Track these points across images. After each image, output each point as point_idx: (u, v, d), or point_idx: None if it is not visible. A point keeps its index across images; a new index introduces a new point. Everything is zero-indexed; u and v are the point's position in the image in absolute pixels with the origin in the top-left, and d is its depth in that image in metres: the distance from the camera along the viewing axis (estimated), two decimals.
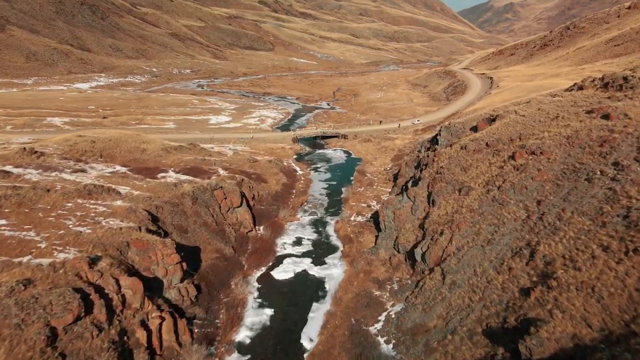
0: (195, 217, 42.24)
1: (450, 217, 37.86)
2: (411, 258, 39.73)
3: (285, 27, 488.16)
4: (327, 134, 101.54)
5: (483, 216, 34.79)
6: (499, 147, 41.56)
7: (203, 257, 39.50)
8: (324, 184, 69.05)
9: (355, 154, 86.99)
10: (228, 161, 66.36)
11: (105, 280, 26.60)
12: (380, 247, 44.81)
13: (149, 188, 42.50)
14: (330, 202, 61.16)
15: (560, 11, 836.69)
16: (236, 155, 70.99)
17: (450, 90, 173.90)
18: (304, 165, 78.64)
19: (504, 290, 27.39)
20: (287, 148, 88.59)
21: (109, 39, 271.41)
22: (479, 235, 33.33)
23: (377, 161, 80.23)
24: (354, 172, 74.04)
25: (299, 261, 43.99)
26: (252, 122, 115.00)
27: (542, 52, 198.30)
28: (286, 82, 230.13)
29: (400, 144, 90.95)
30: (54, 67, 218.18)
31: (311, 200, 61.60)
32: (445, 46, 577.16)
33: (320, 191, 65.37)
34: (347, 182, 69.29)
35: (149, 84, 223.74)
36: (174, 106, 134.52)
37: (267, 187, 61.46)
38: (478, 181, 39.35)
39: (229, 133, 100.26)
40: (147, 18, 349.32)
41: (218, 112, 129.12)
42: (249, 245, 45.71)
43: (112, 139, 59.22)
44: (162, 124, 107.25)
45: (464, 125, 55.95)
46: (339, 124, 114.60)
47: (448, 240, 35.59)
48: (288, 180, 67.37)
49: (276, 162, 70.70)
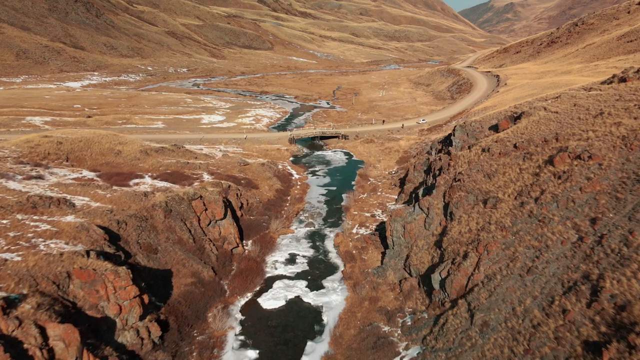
0: (168, 233, 35.39)
1: (475, 235, 31.02)
2: (426, 284, 32.90)
3: (284, 26, 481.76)
4: (326, 134, 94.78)
5: (518, 236, 27.95)
6: (531, 149, 34.71)
7: (175, 282, 32.67)
8: (323, 189, 62.22)
9: (356, 156, 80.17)
10: (215, 164, 59.54)
11: (26, 330, 19.78)
12: (387, 267, 37.99)
13: (112, 199, 35.70)
14: (330, 210, 54.33)
15: (561, 11, 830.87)
16: (225, 158, 64.16)
17: (455, 89, 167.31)
18: (300, 168, 71.82)
19: (559, 342, 20.53)
20: (283, 149, 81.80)
21: (103, 36, 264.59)
22: (515, 262, 26.49)
23: (381, 164, 73.43)
24: (356, 177, 67.22)
25: (292, 284, 37.14)
26: (247, 122, 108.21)
27: (549, 50, 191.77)
28: (285, 81, 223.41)
29: (405, 145, 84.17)
30: (45, 65, 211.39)
31: (308, 208, 54.75)
32: (447, 45, 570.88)
33: (318, 198, 58.52)
34: (348, 187, 62.47)
35: (143, 82, 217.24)
36: (165, 105, 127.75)
37: (259, 194, 54.65)
38: (507, 191, 32.50)
39: (221, 133, 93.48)
40: (144, 16, 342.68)
41: (211, 111, 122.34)
42: (233, 265, 38.86)
43: (83, 140, 52.41)
44: (150, 123, 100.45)
45: (481, 124, 49.10)
46: (339, 124, 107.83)
47: (474, 265, 28.77)
48: (282, 185, 60.55)
49: (270, 166, 63.89)
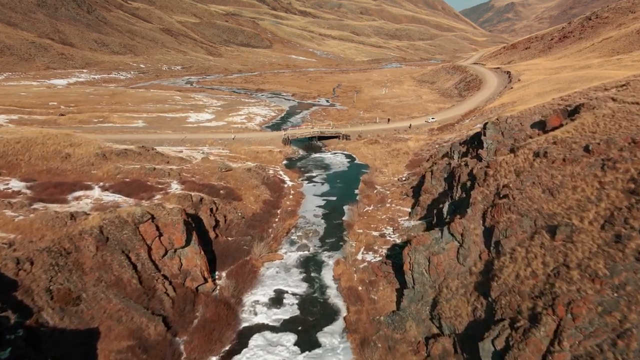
0: (100, 272, 25.18)
1: (544, 284, 20.76)
2: (469, 350, 22.65)
3: (283, 25, 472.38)
4: (325, 134, 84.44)
5: (626, 293, 17.73)
6: (613, 154, 24.50)
7: (102, 350, 22.41)
8: (321, 200, 51.93)
9: (359, 159, 69.88)
10: (191, 170, 49.29)
11: None
12: (406, 314, 27.74)
13: (21, 224, 25.50)
14: (329, 227, 44.07)
15: (562, 10, 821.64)
16: (204, 162, 53.86)
17: (463, 86, 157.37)
18: (295, 173, 61.52)
19: None
20: (276, 151, 71.52)
21: (94, 33, 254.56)
22: (628, 339, 16.26)
23: (389, 168, 63.15)
24: (360, 184, 56.91)
25: (276, 341, 26.86)
26: (237, 121, 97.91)
27: (561, 45, 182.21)
28: (282, 79, 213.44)
29: (414, 147, 73.95)
30: (31, 62, 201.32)
31: (302, 224, 44.48)
32: (449, 44, 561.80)
33: (314, 211, 48.26)
34: (351, 197, 52.21)
35: (134, 80, 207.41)
36: (151, 102, 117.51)
37: (241, 207, 44.41)
38: (586, 216, 22.25)
39: (208, 133, 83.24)
40: (139, 13, 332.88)
41: (201, 109, 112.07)
42: (197, 311, 28.57)
43: (22, 141, 42.21)
44: (129, 122, 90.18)
45: (520, 121, 38.82)
46: (339, 123, 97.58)
47: (551, 334, 18.54)
48: (272, 195, 50.27)
49: (257, 171, 53.60)
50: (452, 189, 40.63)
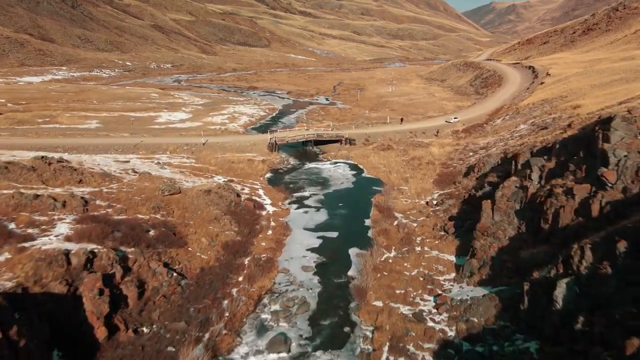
0: None
1: None
2: None
3: (282, 24, 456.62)
4: (323, 137, 66.87)
5: None
6: None
7: None
8: (314, 237, 34.34)
9: (369, 171, 52.26)
10: (111, 195, 31.79)
11: None
12: None
13: None
14: (325, 294, 26.50)
15: (564, 12, 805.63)
16: (141, 181, 36.30)
17: (479, 83, 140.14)
18: (279, 193, 43.92)
19: None
20: (258, 160, 53.99)
21: (77, 29, 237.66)
22: None
23: (410, 185, 45.54)
24: (372, 210, 39.40)
25: None
26: (217, 121, 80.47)
27: (586, 38, 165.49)
28: (279, 77, 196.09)
29: (439, 154, 56.47)
30: (4, 59, 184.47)
31: (282, 287, 26.95)
32: (452, 44, 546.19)
33: (304, 259, 30.71)
34: (360, 232, 34.72)
35: (118, 78, 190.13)
36: (121, 100, 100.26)
37: (183, 258, 26.94)
38: None
39: (175, 136, 65.86)
40: (130, 10, 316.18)
41: (177, 107, 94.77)
42: None
43: None
44: (80, 122, 72.73)
45: None
46: (341, 124, 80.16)
47: None
48: (240, 232, 32.73)
49: (221, 193, 36.04)
50: (537, 234, 23.27)
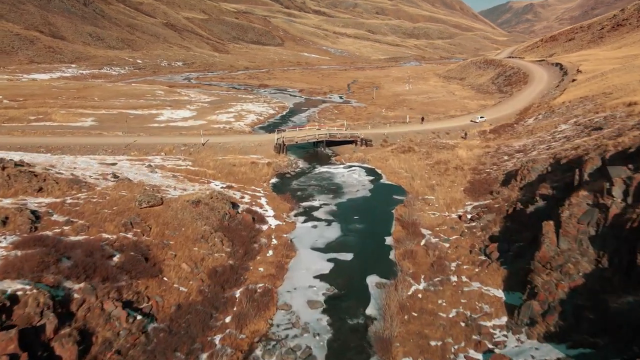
0: None
1: None
2: None
3: (296, 23, 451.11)
4: (336, 137, 60.45)
5: None
6: None
7: None
8: (324, 260, 28.01)
9: (388, 177, 45.70)
10: (77, 207, 25.96)
11: None
12: None
13: None
14: (337, 346, 20.09)
15: (583, 11, 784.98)
16: (118, 189, 30.32)
17: (502, 81, 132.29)
18: (285, 203, 37.66)
19: None
20: (262, 163, 47.85)
21: (89, 26, 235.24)
22: None
23: (438, 194, 38.87)
24: (393, 224, 32.93)
25: None
26: (222, 120, 74.71)
27: (616, 34, 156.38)
28: (291, 75, 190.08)
29: (468, 157, 49.64)
30: (13, 56, 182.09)
31: (280, 334, 20.64)
32: (469, 43, 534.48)
33: (309, 292, 24.37)
34: (381, 254, 28.30)
35: (128, 76, 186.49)
36: (124, 97, 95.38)
37: (156, 291, 20.89)
38: None
39: (174, 136, 60.22)
40: (142, 8, 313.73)
41: (181, 105, 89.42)
42: None
43: None
44: (75, 120, 67.64)
45: None
46: (356, 123, 73.66)
47: None
48: (232, 253, 26.58)
49: (213, 204, 29.94)
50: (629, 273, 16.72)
